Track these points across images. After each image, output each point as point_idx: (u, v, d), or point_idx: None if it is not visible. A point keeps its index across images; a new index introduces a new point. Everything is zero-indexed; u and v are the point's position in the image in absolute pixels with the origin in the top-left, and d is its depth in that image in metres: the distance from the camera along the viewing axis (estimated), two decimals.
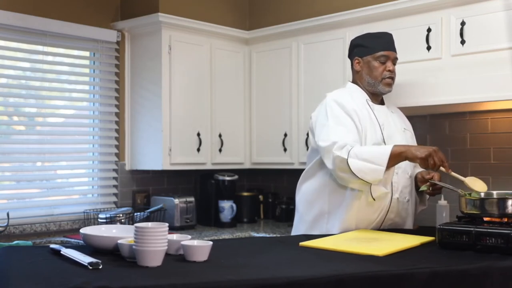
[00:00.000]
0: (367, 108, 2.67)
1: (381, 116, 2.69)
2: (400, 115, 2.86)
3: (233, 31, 4.11)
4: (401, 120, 2.82)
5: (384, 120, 2.68)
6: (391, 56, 2.70)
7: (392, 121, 2.73)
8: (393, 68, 2.71)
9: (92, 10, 3.86)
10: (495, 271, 1.91)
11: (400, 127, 2.75)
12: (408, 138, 2.76)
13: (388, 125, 2.68)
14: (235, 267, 1.84)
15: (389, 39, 2.75)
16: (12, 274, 1.74)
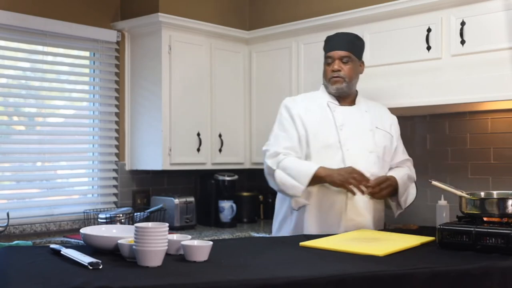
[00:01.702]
0: (326, 110, 2.72)
1: (342, 118, 2.70)
2: (377, 114, 2.81)
3: (233, 31, 4.11)
4: (375, 119, 2.77)
5: (345, 121, 2.69)
6: (335, 56, 2.71)
7: (357, 122, 2.72)
8: (338, 67, 2.70)
9: (92, 10, 3.86)
10: (495, 271, 1.91)
11: (368, 127, 2.73)
12: (379, 137, 2.73)
13: (349, 126, 2.69)
14: (235, 267, 1.84)
15: (337, 39, 2.76)
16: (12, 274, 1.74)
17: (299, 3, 4.01)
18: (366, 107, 2.79)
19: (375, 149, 2.69)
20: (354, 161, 2.61)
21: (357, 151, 2.66)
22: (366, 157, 2.66)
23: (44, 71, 3.68)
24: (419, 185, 3.58)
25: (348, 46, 2.73)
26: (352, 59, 2.73)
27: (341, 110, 2.73)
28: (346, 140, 2.66)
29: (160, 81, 3.77)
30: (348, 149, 2.65)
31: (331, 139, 2.66)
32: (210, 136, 4.03)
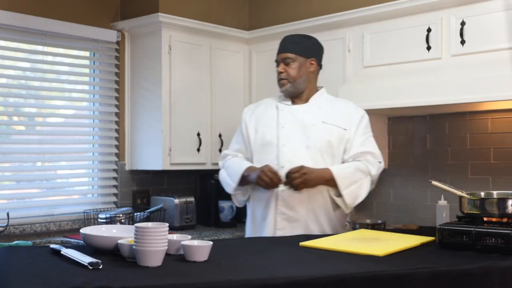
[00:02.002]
0: (273, 111, 2.83)
1: (288, 116, 2.78)
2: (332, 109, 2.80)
3: (233, 31, 4.10)
4: (326, 114, 2.77)
5: (289, 119, 2.77)
6: (279, 59, 2.80)
7: (302, 119, 2.75)
8: (281, 69, 2.78)
9: (92, 10, 3.86)
10: (495, 271, 1.91)
11: (311, 123, 2.74)
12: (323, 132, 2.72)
13: (291, 124, 2.75)
14: (235, 267, 1.84)
15: (282, 43, 2.85)
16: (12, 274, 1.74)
17: (299, 3, 4.01)
18: (320, 104, 2.81)
19: (315, 144, 2.71)
20: (288, 157, 2.70)
21: (293, 147, 2.71)
22: (301, 152, 2.70)
23: (44, 71, 3.68)
24: (419, 185, 3.61)
25: (290, 48, 2.80)
26: (295, 59, 2.77)
27: (288, 109, 2.80)
28: (284, 137, 2.73)
29: (160, 81, 3.77)
30: (284, 145, 2.72)
31: (270, 137, 2.77)
32: (210, 136, 4.03)
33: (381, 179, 3.80)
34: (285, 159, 2.70)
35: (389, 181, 3.79)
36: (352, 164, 2.71)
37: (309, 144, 2.71)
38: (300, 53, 2.79)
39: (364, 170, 2.71)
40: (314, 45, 2.88)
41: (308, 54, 2.81)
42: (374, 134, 3.69)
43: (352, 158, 2.75)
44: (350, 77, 3.56)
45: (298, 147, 2.72)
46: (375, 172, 2.74)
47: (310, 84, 2.83)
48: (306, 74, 2.80)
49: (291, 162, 2.66)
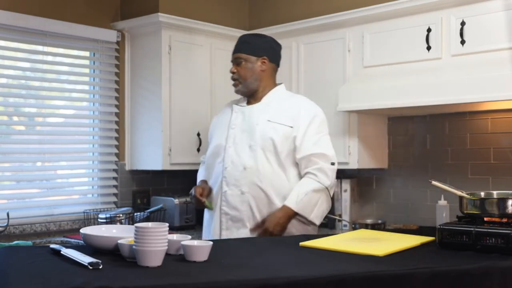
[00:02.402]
0: (228, 112, 2.90)
1: (239, 117, 2.81)
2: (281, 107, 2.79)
3: (233, 31, 4.10)
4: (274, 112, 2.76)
5: (239, 120, 2.80)
6: (232, 59, 2.86)
7: (250, 118, 2.77)
8: (234, 69, 2.83)
9: (92, 10, 3.86)
10: (495, 271, 1.91)
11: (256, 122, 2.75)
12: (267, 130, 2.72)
13: (240, 125, 2.78)
14: (235, 267, 1.84)
15: (237, 43, 2.87)
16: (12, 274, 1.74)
17: (299, 3, 4.01)
18: (271, 102, 2.81)
19: (258, 143, 2.71)
20: (231, 157, 2.74)
21: (237, 147, 2.75)
22: (244, 152, 2.73)
23: (44, 71, 3.68)
24: (419, 185, 3.61)
25: (241, 48, 2.83)
26: (245, 58, 2.81)
27: (241, 109, 2.84)
28: (232, 138, 2.78)
29: (160, 81, 3.77)
30: (230, 146, 2.76)
31: (219, 140, 2.81)
32: None
33: (381, 179, 3.82)
34: (228, 160, 2.75)
35: (389, 181, 3.80)
36: (306, 189, 2.68)
37: (251, 143, 2.72)
38: (251, 52, 2.81)
39: (319, 189, 2.71)
40: (266, 43, 2.87)
41: (259, 53, 2.82)
42: (374, 134, 3.72)
43: (305, 161, 2.72)
44: (350, 77, 3.56)
45: (242, 147, 2.74)
46: (329, 182, 2.74)
47: (263, 83, 2.84)
48: (257, 73, 2.82)
49: (234, 163, 2.73)
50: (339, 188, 3.82)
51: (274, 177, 2.71)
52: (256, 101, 2.84)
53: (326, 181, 2.72)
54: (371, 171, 3.85)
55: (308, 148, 2.71)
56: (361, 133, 3.60)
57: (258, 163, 2.70)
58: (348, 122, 3.59)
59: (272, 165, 2.71)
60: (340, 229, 3.72)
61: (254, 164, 2.69)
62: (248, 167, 2.70)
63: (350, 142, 3.58)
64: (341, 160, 3.62)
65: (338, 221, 3.74)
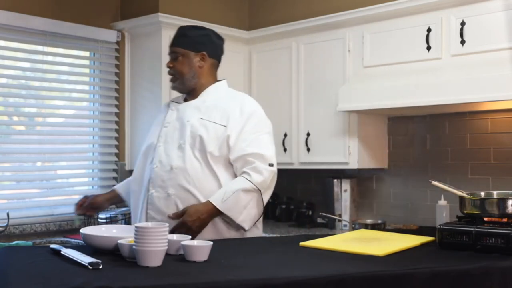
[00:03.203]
0: (165, 110, 2.72)
1: (173, 115, 2.62)
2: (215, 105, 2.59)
3: (233, 31, 4.10)
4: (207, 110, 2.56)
5: (173, 118, 2.61)
6: (168, 53, 2.64)
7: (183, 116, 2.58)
8: (169, 64, 2.61)
9: (92, 10, 3.86)
10: (495, 271, 1.91)
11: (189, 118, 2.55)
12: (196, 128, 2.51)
13: (173, 123, 2.59)
14: (235, 267, 1.84)
15: (175, 35, 2.64)
16: (12, 274, 1.74)
17: (299, 3, 4.01)
18: (207, 99, 2.61)
19: (187, 141, 2.50)
20: (160, 157, 2.54)
21: (167, 146, 2.55)
22: (172, 151, 2.53)
23: (44, 71, 3.68)
24: (419, 185, 3.61)
25: (176, 41, 2.62)
26: (182, 53, 2.59)
27: (176, 107, 2.65)
28: (163, 136, 2.59)
29: (160, 81, 3.76)
30: (160, 145, 2.57)
31: (152, 138, 2.64)
32: None
33: (381, 179, 3.82)
34: (157, 160, 2.54)
35: (389, 181, 3.80)
36: (235, 187, 2.43)
37: (181, 142, 2.52)
38: (188, 47, 2.59)
39: (249, 189, 2.44)
40: (206, 37, 2.64)
41: (198, 48, 2.60)
42: (374, 134, 3.72)
43: (240, 162, 2.48)
44: (350, 77, 3.56)
45: (170, 146, 2.54)
46: (261, 179, 2.46)
47: (201, 80, 2.62)
48: (195, 70, 2.60)
49: (162, 162, 2.52)
50: (339, 188, 3.82)
51: (204, 178, 2.47)
52: (193, 98, 2.63)
53: (259, 182, 2.46)
54: (371, 171, 3.85)
55: (243, 148, 2.48)
56: (361, 133, 3.60)
57: (186, 163, 2.48)
58: (348, 122, 3.59)
59: (202, 166, 2.48)
60: (340, 229, 3.72)
61: (182, 164, 2.48)
62: (175, 167, 2.48)
63: (350, 142, 3.58)
64: (341, 160, 3.63)
65: (338, 221, 3.74)
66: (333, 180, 3.84)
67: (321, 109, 3.72)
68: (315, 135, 3.76)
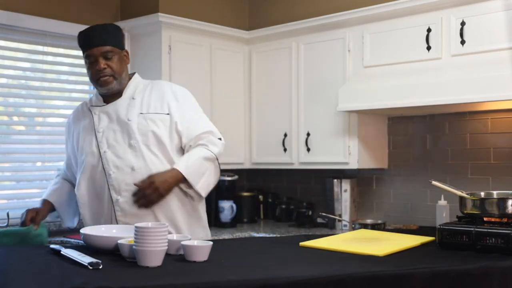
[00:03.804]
0: (88, 116, 2.56)
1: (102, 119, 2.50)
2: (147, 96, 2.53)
3: (233, 31, 4.10)
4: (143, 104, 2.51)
5: (103, 123, 2.49)
6: (97, 54, 2.43)
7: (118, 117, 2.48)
8: (104, 65, 2.43)
9: (92, 10, 3.86)
10: (495, 271, 1.91)
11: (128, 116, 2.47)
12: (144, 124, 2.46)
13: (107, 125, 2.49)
14: (235, 267, 1.84)
15: (93, 34, 2.46)
16: (12, 274, 1.74)
17: (299, 3, 4.01)
18: (134, 94, 2.54)
19: (139, 139, 2.44)
20: (113, 162, 2.44)
21: (116, 150, 2.45)
22: (125, 153, 2.44)
23: (44, 71, 3.68)
24: (419, 185, 3.61)
25: (103, 39, 2.45)
26: (116, 51, 2.47)
27: (101, 109, 2.52)
28: (104, 142, 2.47)
29: None
30: (106, 151, 2.46)
31: (89, 147, 2.50)
32: None
33: (381, 179, 3.82)
34: (110, 165, 2.44)
35: (389, 181, 3.80)
36: (197, 155, 2.46)
37: (131, 142, 2.44)
38: (116, 44, 2.48)
39: (210, 158, 2.49)
40: (121, 33, 2.57)
41: (122, 45, 2.54)
42: (374, 134, 3.72)
43: (193, 141, 2.50)
44: (350, 77, 3.56)
45: (120, 147, 2.45)
46: (217, 150, 2.53)
47: (127, 77, 2.56)
48: (125, 68, 2.54)
49: (118, 167, 2.43)
50: (339, 188, 3.82)
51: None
52: (115, 98, 2.52)
53: (217, 152, 2.52)
54: (371, 171, 3.85)
55: (193, 129, 2.51)
56: (361, 133, 3.60)
57: (146, 161, 2.43)
58: (348, 122, 3.59)
59: (160, 159, 2.45)
60: (340, 229, 3.72)
61: (142, 163, 2.42)
62: (137, 167, 2.42)
63: (350, 142, 3.58)
64: (341, 160, 3.62)
65: (338, 221, 3.74)
66: (333, 180, 3.84)
67: (321, 109, 3.72)
68: (315, 135, 3.76)
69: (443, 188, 2.36)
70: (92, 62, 2.45)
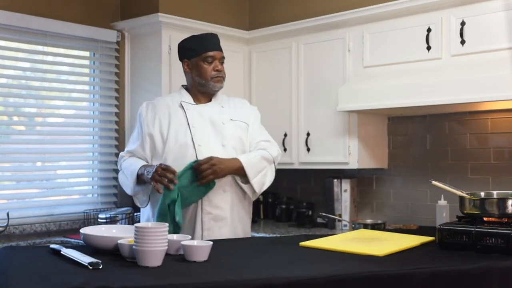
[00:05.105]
0: (179, 110, 2.79)
1: (196, 115, 2.75)
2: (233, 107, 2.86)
3: (233, 31, 4.10)
4: (231, 112, 2.83)
5: (198, 119, 2.75)
6: (217, 56, 2.80)
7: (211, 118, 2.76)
8: (221, 67, 2.81)
9: (92, 10, 3.86)
10: (495, 271, 1.91)
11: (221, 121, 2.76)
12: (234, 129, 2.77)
13: (201, 123, 2.74)
14: (235, 267, 1.84)
15: (213, 40, 2.85)
16: (12, 274, 1.74)
17: (299, 3, 4.01)
18: (222, 103, 2.85)
19: (230, 142, 2.73)
20: (205, 155, 2.62)
21: (210, 146, 2.69)
22: (219, 150, 2.68)
23: (44, 71, 3.68)
24: (419, 185, 3.61)
25: (219, 46, 2.85)
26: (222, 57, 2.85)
27: (194, 108, 2.79)
28: (198, 137, 2.70)
29: (160, 81, 3.76)
30: (200, 145, 2.69)
31: (184, 138, 2.71)
32: None
33: (381, 179, 3.82)
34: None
35: (389, 181, 3.80)
36: (258, 153, 2.75)
37: (224, 142, 2.72)
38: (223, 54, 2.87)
39: (268, 159, 2.78)
40: None
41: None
42: (374, 134, 3.73)
43: (254, 146, 2.80)
44: (350, 77, 3.57)
45: (214, 146, 2.70)
46: (276, 154, 2.83)
47: None
48: None
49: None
50: (339, 188, 3.82)
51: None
52: (206, 101, 2.85)
53: (275, 155, 2.82)
54: (371, 171, 3.85)
55: (258, 138, 2.84)
56: (361, 133, 3.60)
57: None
58: (348, 122, 3.59)
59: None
60: (340, 229, 3.72)
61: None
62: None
63: (350, 142, 3.58)
64: (341, 160, 3.62)
65: (338, 221, 3.75)
66: (333, 180, 3.84)
67: (321, 109, 3.72)
68: (315, 135, 3.76)
69: (443, 188, 2.35)
70: (210, 62, 2.79)
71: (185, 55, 2.85)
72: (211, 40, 2.84)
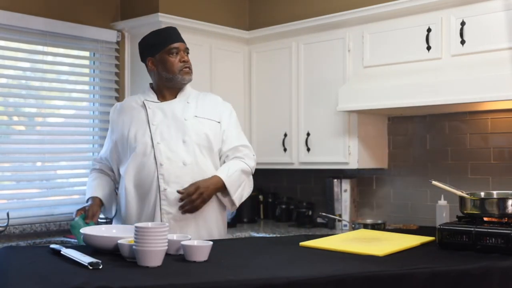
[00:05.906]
0: (140, 109, 2.72)
1: (157, 113, 2.67)
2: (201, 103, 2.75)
3: (233, 31, 4.10)
4: (198, 109, 2.72)
5: (158, 117, 2.66)
6: (181, 48, 2.74)
7: (174, 114, 2.67)
8: (187, 58, 2.73)
9: (92, 10, 3.86)
10: (495, 271, 1.91)
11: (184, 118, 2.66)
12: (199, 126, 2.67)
13: (163, 120, 2.66)
14: (235, 267, 1.84)
15: (174, 31, 2.80)
16: (12, 274, 1.74)
17: (299, 3, 4.01)
18: (189, 98, 2.75)
19: (192, 138, 2.64)
20: (165, 154, 2.60)
21: (169, 144, 2.62)
22: (178, 148, 2.62)
23: (44, 71, 3.68)
24: (419, 185, 3.61)
25: (180, 38, 2.80)
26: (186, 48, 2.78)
27: (156, 106, 2.70)
28: (157, 135, 2.63)
29: None
30: (159, 142, 2.62)
31: (143, 137, 2.65)
32: None
33: (381, 179, 3.82)
34: (163, 156, 2.60)
35: (389, 181, 3.80)
36: (237, 167, 2.68)
37: (185, 138, 2.63)
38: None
39: (247, 171, 2.73)
40: None
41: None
42: (374, 134, 3.73)
43: (231, 152, 2.72)
44: (350, 77, 3.57)
45: (174, 143, 2.63)
46: (253, 165, 2.78)
47: None
48: None
49: (170, 159, 2.60)
50: (339, 188, 3.82)
51: (209, 171, 2.65)
52: (171, 98, 2.73)
53: (252, 166, 2.77)
54: (371, 171, 3.85)
55: (234, 141, 2.75)
56: (361, 133, 3.60)
57: (197, 159, 2.63)
58: (348, 122, 3.59)
59: (206, 160, 2.66)
60: (340, 229, 3.72)
61: (193, 159, 2.62)
62: (188, 163, 2.61)
63: (350, 142, 3.58)
64: (341, 160, 3.63)
65: (338, 221, 3.75)
66: (333, 180, 3.85)
67: (321, 109, 3.72)
68: (315, 135, 3.76)
69: (443, 188, 2.35)
70: (176, 54, 2.70)
71: (148, 53, 2.74)
72: (172, 32, 2.77)
